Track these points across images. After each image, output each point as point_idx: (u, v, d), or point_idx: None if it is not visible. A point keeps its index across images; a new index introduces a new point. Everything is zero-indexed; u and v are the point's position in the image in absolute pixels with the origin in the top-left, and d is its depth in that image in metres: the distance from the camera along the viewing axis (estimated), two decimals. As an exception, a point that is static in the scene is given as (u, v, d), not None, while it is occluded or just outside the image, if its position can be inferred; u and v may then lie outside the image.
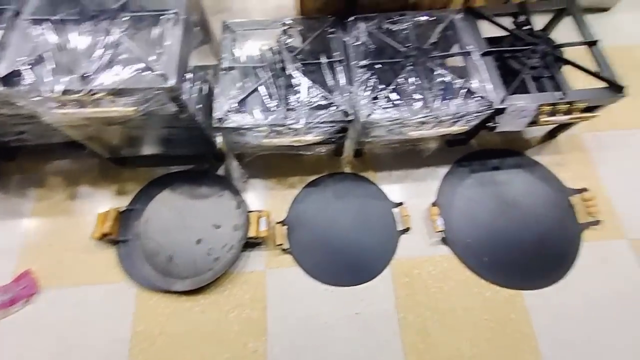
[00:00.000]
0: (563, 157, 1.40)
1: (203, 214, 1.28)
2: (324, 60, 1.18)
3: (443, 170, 1.39)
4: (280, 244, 1.24)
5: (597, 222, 1.27)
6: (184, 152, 1.32)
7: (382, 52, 1.21)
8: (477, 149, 1.43)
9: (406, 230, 1.28)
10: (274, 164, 1.38)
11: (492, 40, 1.24)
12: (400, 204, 1.32)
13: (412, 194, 1.34)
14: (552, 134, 1.44)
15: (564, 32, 1.26)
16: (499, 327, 1.16)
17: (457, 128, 1.13)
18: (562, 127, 1.37)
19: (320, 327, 1.16)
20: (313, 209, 1.32)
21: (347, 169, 1.40)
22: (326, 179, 1.38)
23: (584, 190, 1.31)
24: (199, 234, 1.25)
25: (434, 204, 1.30)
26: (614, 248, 1.24)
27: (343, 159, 1.41)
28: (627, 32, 1.67)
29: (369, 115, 1.08)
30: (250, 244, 1.25)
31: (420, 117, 1.08)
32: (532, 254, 1.24)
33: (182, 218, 1.27)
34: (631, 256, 1.23)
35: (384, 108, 1.10)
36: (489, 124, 1.19)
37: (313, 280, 1.22)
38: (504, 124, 1.18)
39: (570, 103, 1.14)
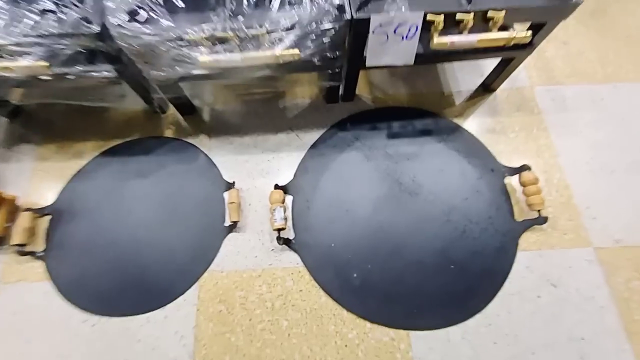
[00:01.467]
0: (501, 121, 0.90)
1: None
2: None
3: (315, 136, 0.91)
4: (21, 245, 0.77)
5: (543, 221, 0.77)
6: None
7: None
8: (371, 108, 0.95)
9: (234, 226, 0.80)
10: (59, 121, 0.92)
11: None
12: (232, 185, 0.85)
13: (260, 170, 0.86)
14: (487, 85, 0.95)
15: None
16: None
17: (291, 53, 0.65)
18: (501, 73, 0.88)
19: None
20: (99, 191, 0.84)
21: (170, 132, 0.92)
22: (133, 145, 0.89)
23: (524, 168, 0.82)
24: None
25: (277, 187, 0.82)
26: (569, 263, 0.75)
27: (164, 118, 0.94)
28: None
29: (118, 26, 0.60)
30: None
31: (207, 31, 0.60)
32: (437, 272, 0.74)
33: None
34: (597, 278, 0.74)
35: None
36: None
37: (68, 306, 0.74)
38: (375, 53, 0.70)
39: (484, 13, 0.66)
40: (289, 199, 0.82)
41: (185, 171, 0.86)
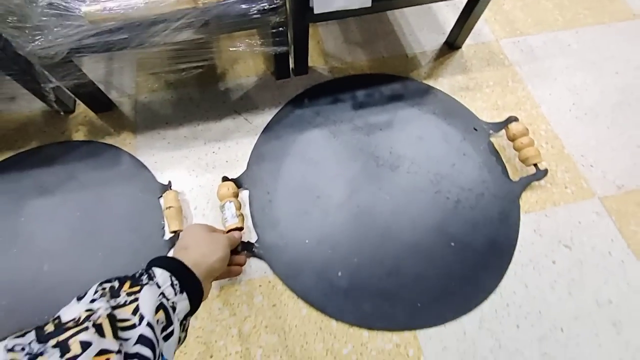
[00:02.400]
0: (474, 77, 0.81)
1: None
2: None
3: (267, 118, 0.76)
4: None
5: (542, 174, 0.67)
6: None
7: None
8: (330, 79, 0.81)
9: (176, 237, 0.60)
10: None
11: None
12: (168, 186, 0.67)
13: (204, 166, 0.68)
14: (452, 43, 0.85)
15: None
16: None
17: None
18: (462, 27, 0.79)
19: None
20: (-14, 219, 0.63)
21: (80, 135, 0.72)
22: (29, 157, 0.67)
23: (511, 120, 0.72)
24: None
25: (225, 179, 0.65)
26: (577, 218, 0.65)
27: (72, 118, 0.73)
28: None
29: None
30: None
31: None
32: (436, 253, 0.61)
33: None
34: (610, 230, 0.65)
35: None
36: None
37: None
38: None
39: None
40: (245, 194, 0.66)
41: (105, 179, 0.66)
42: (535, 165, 0.66)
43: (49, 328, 0.26)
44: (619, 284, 0.60)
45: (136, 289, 0.31)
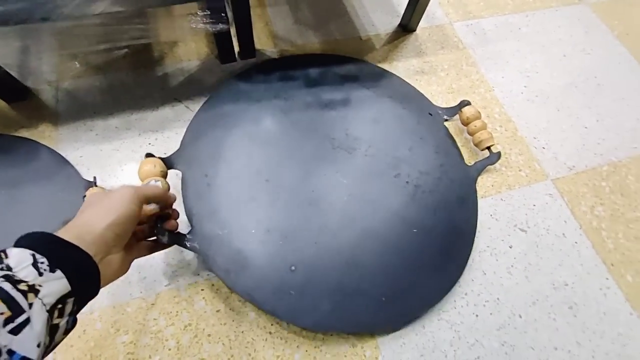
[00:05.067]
0: (428, 61, 0.76)
1: None
2: None
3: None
4: None
5: (496, 158, 0.62)
6: None
7: None
8: (278, 57, 0.74)
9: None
10: None
11: None
12: (93, 183, 0.56)
13: (138, 158, 0.56)
14: (406, 25, 0.80)
15: None
16: None
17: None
18: (415, 8, 0.74)
19: None
20: None
21: (-13, 128, 0.60)
22: None
23: (463, 104, 0.67)
24: None
25: (149, 156, 0.53)
26: (531, 201, 0.62)
27: (-24, 107, 0.62)
28: None
29: None
30: None
31: None
32: (399, 241, 0.55)
33: None
34: (562, 211, 0.62)
35: None
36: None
37: None
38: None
39: None
40: (175, 175, 0.57)
41: (19, 178, 0.55)
42: (488, 148, 0.62)
43: None
44: (574, 265, 0.58)
45: None
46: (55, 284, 0.26)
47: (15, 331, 0.22)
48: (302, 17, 0.79)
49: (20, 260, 0.25)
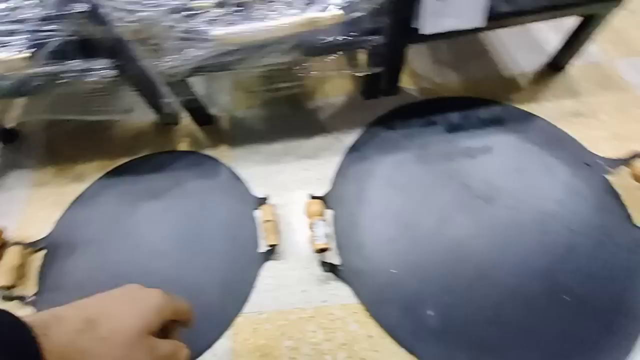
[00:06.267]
0: (582, 102, 0.71)
1: None
2: None
3: (356, 137, 0.72)
4: (8, 287, 0.58)
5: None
6: None
7: None
8: (419, 100, 0.76)
9: (272, 251, 0.60)
10: (58, 142, 0.76)
11: None
12: (264, 200, 0.66)
13: (297, 182, 0.66)
14: (556, 63, 0.75)
15: None
16: None
17: (333, 14, 0.47)
18: (573, 46, 0.69)
19: None
20: (104, 217, 0.65)
21: (184, 146, 0.75)
22: (142, 163, 0.72)
23: (637, 156, 0.61)
24: None
25: (314, 198, 0.62)
26: None
27: (177, 130, 0.77)
28: None
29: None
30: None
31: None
32: (545, 305, 0.52)
33: None
34: None
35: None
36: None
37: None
38: (433, 13, 0.51)
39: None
40: (329, 214, 0.63)
41: (206, 188, 0.68)
42: (667, 209, 0.55)
43: None
44: None
45: None
46: None
47: None
48: (441, 56, 0.81)
49: None
